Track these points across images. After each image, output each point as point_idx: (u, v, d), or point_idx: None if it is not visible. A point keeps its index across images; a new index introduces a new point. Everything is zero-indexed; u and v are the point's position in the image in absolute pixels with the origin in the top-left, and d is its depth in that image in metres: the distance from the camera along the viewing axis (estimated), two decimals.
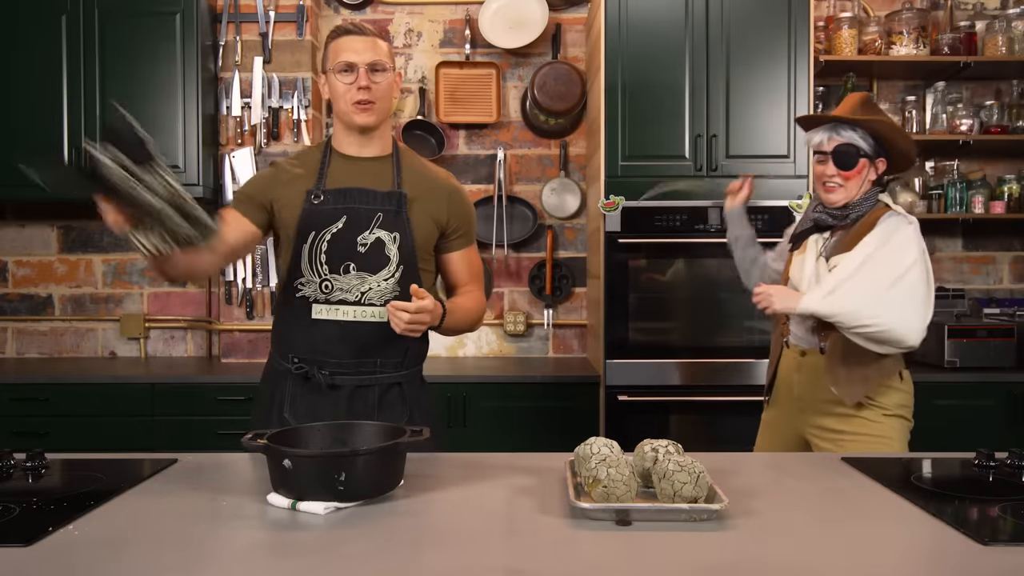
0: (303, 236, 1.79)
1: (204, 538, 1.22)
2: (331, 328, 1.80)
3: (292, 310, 1.83)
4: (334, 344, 1.81)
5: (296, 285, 1.81)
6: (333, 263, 1.79)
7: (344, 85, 1.80)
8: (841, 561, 1.12)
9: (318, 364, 1.82)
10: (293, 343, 1.84)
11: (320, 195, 1.80)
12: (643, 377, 3.13)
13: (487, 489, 1.46)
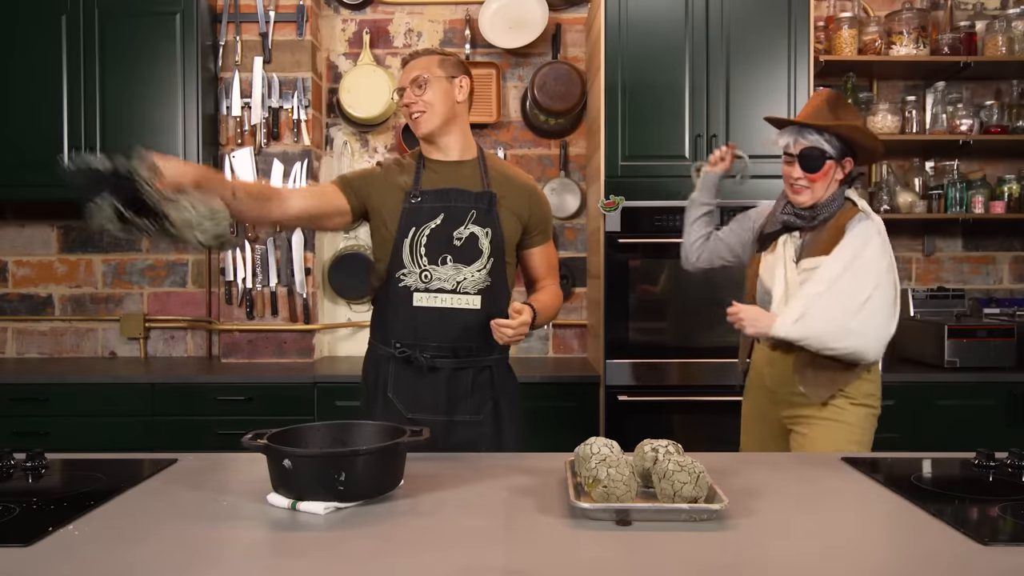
0: (404, 231, 1.96)
1: (204, 538, 1.22)
2: (431, 314, 1.96)
3: (394, 299, 1.97)
4: (434, 329, 1.96)
5: (398, 276, 1.96)
6: (432, 255, 1.96)
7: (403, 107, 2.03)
8: (841, 561, 1.12)
9: (420, 348, 1.96)
10: (395, 329, 1.98)
11: (418, 195, 1.98)
12: (643, 377, 3.13)
13: (487, 489, 1.46)
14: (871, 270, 2.03)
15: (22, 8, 3.30)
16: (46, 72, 3.31)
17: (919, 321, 3.40)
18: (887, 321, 2.04)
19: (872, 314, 2.02)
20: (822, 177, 2.09)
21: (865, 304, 2.01)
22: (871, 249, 2.04)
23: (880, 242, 2.06)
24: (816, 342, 2.03)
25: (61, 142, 3.31)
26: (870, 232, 2.05)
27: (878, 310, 2.03)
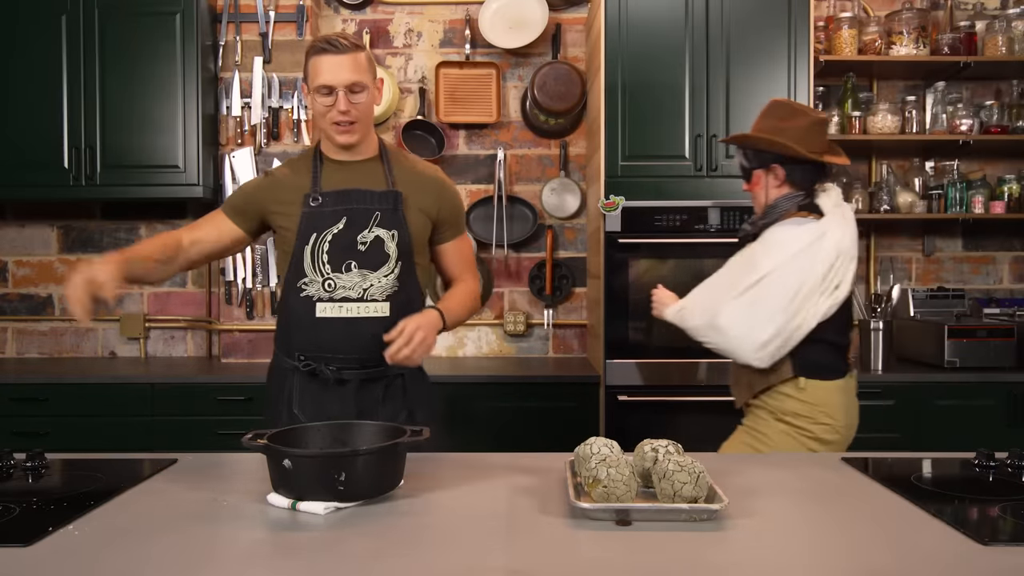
0: (304, 238, 1.86)
1: (204, 538, 1.22)
2: (336, 325, 1.85)
3: (296, 310, 1.87)
4: (340, 340, 1.85)
5: (300, 285, 1.86)
6: (335, 262, 1.85)
7: (323, 106, 1.83)
8: (841, 561, 1.12)
9: (324, 361, 1.87)
10: (298, 341, 1.89)
11: (318, 198, 1.87)
12: (643, 377, 3.13)
13: (487, 489, 1.46)
14: (749, 265, 2.04)
15: (22, 8, 3.30)
16: (46, 72, 3.31)
17: (919, 321, 3.40)
18: (764, 323, 1.99)
19: (743, 313, 2.01)
20: (756, 187, 2.16)
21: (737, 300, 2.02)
22: (764, 247, 2.05)
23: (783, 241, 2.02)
24: (691, 332, 2.12)
25: (61, 142, 3.31)
26: (783, 234, 2.04)
27: (750, 310, 2.00)
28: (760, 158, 2.14)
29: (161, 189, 3.32)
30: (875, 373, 3.23)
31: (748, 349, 2.02)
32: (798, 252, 2.01)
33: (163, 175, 3.32)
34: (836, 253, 2.03)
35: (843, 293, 2.06)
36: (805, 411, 2.05)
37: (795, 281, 1.99)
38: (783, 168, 2.11)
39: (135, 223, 3.73)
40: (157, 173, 3.32)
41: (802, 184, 2.12)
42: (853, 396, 2.14)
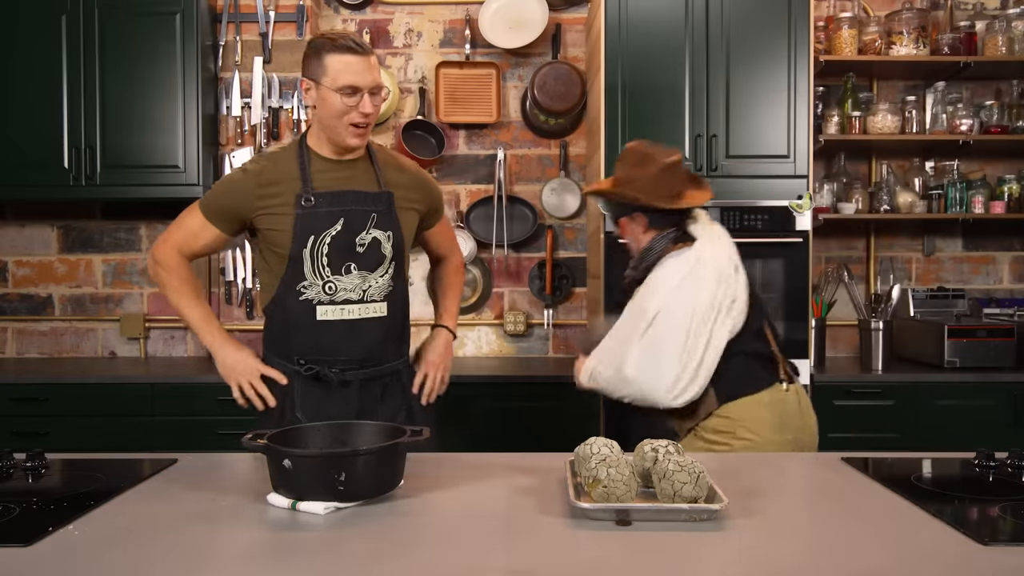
0: (302, 240, 1.82)
1: (204, 538, 1.22)
2: (337, 327, 1.85)
3: (294, 312, 1.85)
4: (342, 342, 1.86)
5: (299, 288, 1.83)
6: (335, 265, 1.84)
7: (344, 106, 1.79)
8: (841, 561, 1.12)
9: (326, 363, 1.86)
10: (298, 345, 1.86)
11: (311, 198, 1.82)
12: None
13: (487, 489, 1.46)
14: (643, 313, 2.02)
15: (22, 8, 3.30)
16: (46, 72, 3.30)
17: (919, 321, 3.40)
18: (667, 363, 1.97)
19: (645, 358, 2.00)
20: (624, 234, 2.19)
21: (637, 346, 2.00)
22: (648, 290, 2.04)
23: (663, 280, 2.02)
24: (605, 391, 2.10)
25: (61, 142, 3.31)
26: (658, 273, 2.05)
27: (651, 354, 1.99)
28: (620, 208, 2.15)
29: (161, 189, 3.32)
30: (875, 373, 3.23)
31: (660, 393, 2.00)
32: (678, 284, 2.00)
33: (163, 175, 3.32)
34: (718, 269, 2.02)
35: (741, 305, 2.03)
36: (725, 426, 2.02)
37: (684, 314, 1.98)
38: (644, 215, 2.11)
39: (135, 223, 3.73)
40: (157, 173, 3.32)
41: (665, 225, 2.10)
42: (789, 411, 2.05)
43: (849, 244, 3.75)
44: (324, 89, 1.79)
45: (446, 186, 3.76)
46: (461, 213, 3.74)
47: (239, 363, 1.86)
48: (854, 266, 3.70)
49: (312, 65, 1.81)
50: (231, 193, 1.89)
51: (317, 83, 1.80)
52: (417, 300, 3.77)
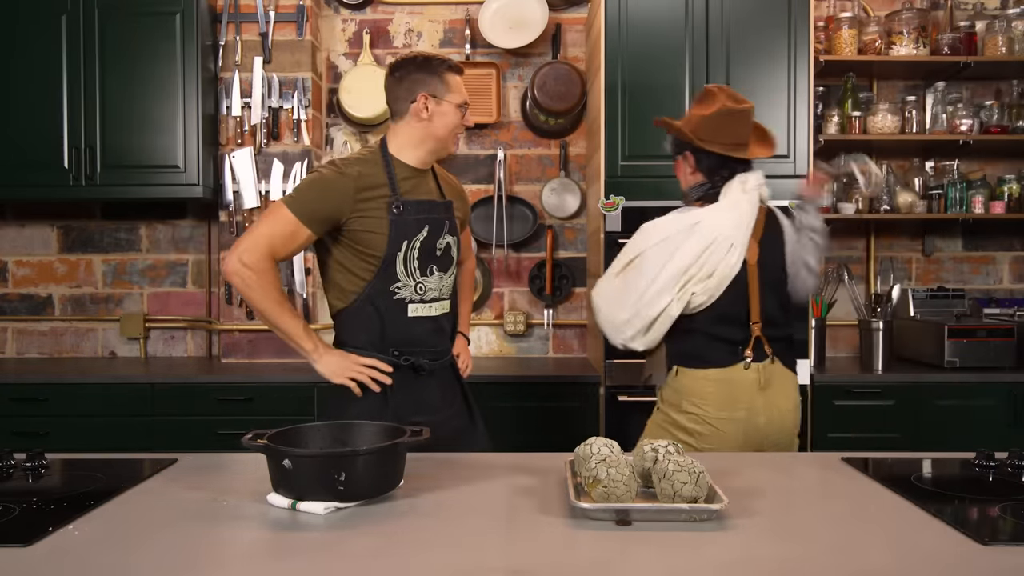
0: (396, 244, 1.95)
1: (204, 538, 1.22)
2: (426, 323, 2.02)
3: (386, 311, 1.97)
4: (430, 336, 2.03)
5: (393, 289, 1.97)
6: (422, 267, 2.00)
7: (459, 119, 2.04)
8: (841, 561, 1.12)
9: (418, 355, 2.01)
10: (392, 339, 1.98)
11: (400, 206, 1.95)
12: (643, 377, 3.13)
13: (487, 489, 1.46)
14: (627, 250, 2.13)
15: (22, 8, 3.30)
16: (46, 72, 3.30)
17: (919, 321, 3.40)
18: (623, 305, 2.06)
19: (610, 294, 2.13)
20: (677, 173, 2.21)
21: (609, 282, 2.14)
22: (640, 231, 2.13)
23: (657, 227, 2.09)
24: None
25: (61, 142, 3.31)
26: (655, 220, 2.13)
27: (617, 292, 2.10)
28: (677, 145, 2.16)
29: (161, 189, 3.32)
30: (875, 373, 3.24)
31: (609, 329, 2.11)
32: (667, 238, 2.04)
33: (163, 175, 3.32)
34: (710, 240, 1.99)
35: (716, 283, 2.00)
36: (672, 398, 2.07)
37: (655, 266, 2.02)
38: (693, 156, 2.11)
39: (135, 223, 3.73)
40: (157, 173, 3.32)
41: (709, 174, 2.09)
42: (743, 388, 2.00)
43: (849, 244, 3.75)
44: (447, 104, 2.01)
45: None
46: None
47: (345, 359, 1.94)
48: (854, 266, 3.70)
49: (431, 82, 2.00)
50: (332, 196, 1.92)
51: (439, 99, 2.00)
52: None
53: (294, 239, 1.91)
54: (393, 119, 2.05)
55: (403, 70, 2.02)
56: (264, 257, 1.87)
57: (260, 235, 1.89)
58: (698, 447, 1.99)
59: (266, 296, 1.88)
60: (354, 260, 1.96)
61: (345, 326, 2.01)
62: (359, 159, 2.00)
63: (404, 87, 2.01)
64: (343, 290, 1.99)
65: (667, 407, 2.08)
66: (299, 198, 1.92)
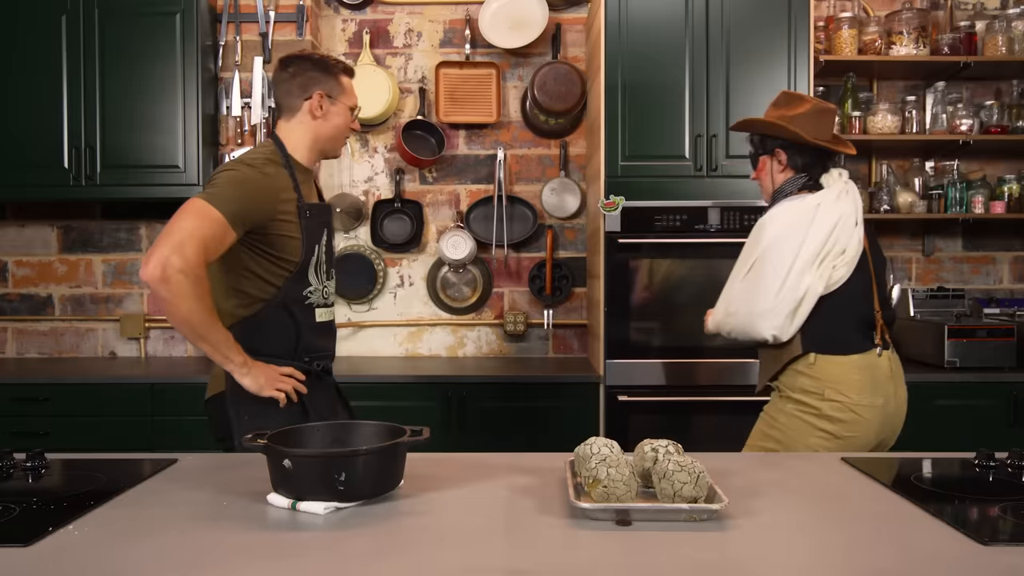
0: (311, 249, 1.93)
1: (204, 538, 1.22)
2: (328, 328, 2.05)
3: (298, 315, 1.95)
4: (330, 340, 2.07)
5: (305, 293, 1.95)
6: (328, 271, 2.02)
7: (348, 121, 2.03)
8: (841, 561, 1.12)
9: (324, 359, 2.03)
10: (305, 347, 1.97)
11: (308, 210, 1.93)
12: (643, 377, 3.13)
13: (487, 489, 1.46)
14: (750, 250, 2.11)
15: (22, 8, 3.30)
16: (46, 72, 3.30)
17: (919, 321, 3.40)
18: (762, 295, 2.04)
19: (746, 291, 2.09)
20: (761, 173, 2.23)
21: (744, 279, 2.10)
22: (757, 228, 2.12)
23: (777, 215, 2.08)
24: (722, 330, 2.17)
25: (61, 142, 3.31)
26: (770, 213, 2.12)
27: (752, 285, 2.07)
28: (764, 143, 2.20)
29: (161, 189, 3.32)
30: None
31: (756, 323, 2.06)
32: (793, 222, 2.06)
33: (163, 175, 3.32)
34: (836, 217, 2.05)
35: (850, 259, 2.06)
36: (813, 387, 2.05)
37: (790, 250, 2.03)
38: (785, 152, 2.16)
39: (135, 223, 3.73)
40: (157, 173, 3.32)
41: (804, 168, 2.16)
42: (881, 375, 2.09)
43: None
44: (340, 105, 1.99)
45: (446, 186, 3.76)
46: (461, 213, 3.74)
47: (269, 371, 1.87)
48: None
49: (327, 82, 1.98)
50: (258, 198, 1.83)
51: (334, 99, 1.98)
52: (417, 300, 3.78)
53: (222, 242, 1.75)
54: (284, 116, 1.98)
55: (298, 66, 1.96)
56: (199, 261, 1.69)
57: (190, 235, 1.69)
58: (839, 436, 2.03)
59: (200, 306, 1.70)
60: (267, 266, 1.87)
61: (254, 335, 1.88)
62: (269, 160, 1.90)
63: (298, 83, 1.95)
64: (249, 297, 1.88)
65: (804, 396, 2.06)
66: (225, 196, 1.76)
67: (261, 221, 1.83)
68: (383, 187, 3.76)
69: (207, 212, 1.73)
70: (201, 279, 1.70)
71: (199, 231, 1.70)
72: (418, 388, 3.16)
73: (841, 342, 2.06)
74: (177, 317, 1.71)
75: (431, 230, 3.78)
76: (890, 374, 2.12)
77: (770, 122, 2.16)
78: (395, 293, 3.77)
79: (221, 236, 1.74)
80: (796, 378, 2.08)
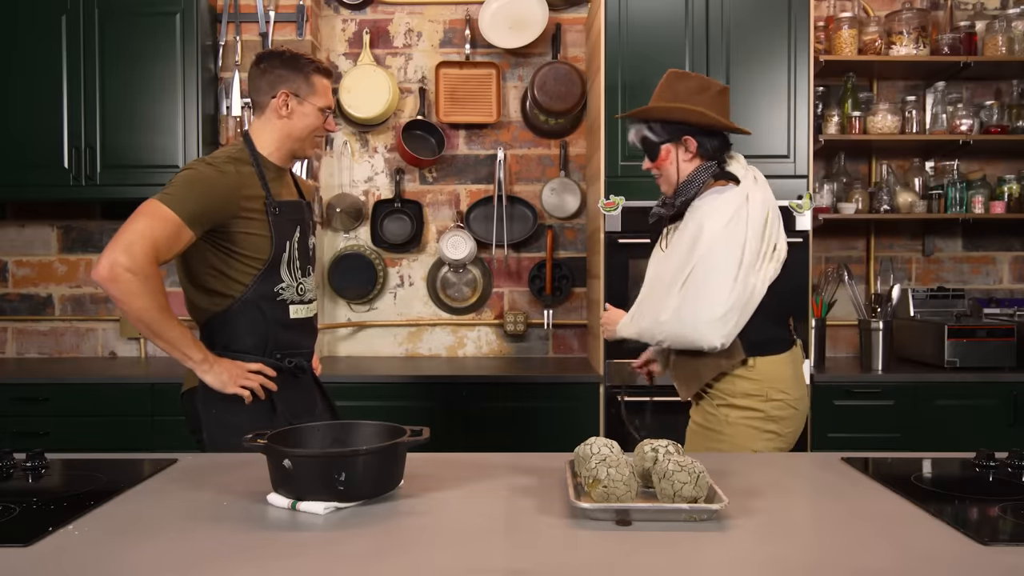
0: (281, 245, 1.95)
1: (204, 538, 1.22)
2: (305, 324, 2.05)
3: (269, 312, 1.96)
4: (307, 336, 2.07)
5: (277, 290, 1.96)
6: (303, 268, 2.03)
7: (321, 123, 2.01)
8: (841, 561, 1.12)
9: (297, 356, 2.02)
10: (275, 341, 1.98)
11: (276, 207, 1.94)
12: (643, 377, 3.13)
13: (487, 489, 1.46)
14: (686, 248, 1.93)
15: (22, 8, 3.30)
16: (46, 72, 3.31)
17: (919, 321, 3.40)
18: (713, 300, 1.88)
19: (690, 296, 1.90)
20: (664, 163, 2.05)
21: (684, 285, 1.91)
22: (696, 224, 1.93)
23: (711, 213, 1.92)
24: (647, 337, 2.03)
25: (61, 142, 3.31)
26: (708, 205, 1.94)
27: (698, 289, 1.90)
28: (669, 130, 2.03)
29: (161, 189, 3.31)
30: (875, 373, 3.24)
31: (702, 331, 1.89)
32: (731, 219, 1.91)
33: (163, 175, 3.32)
34: (765, 211, 1.94)
35: (782, 253, 1.97)
36: (755, 389, 1.95)
37: (736, 248, 1.90)
38: (694, 139, 2.02)
39: None
40: (157, 173, 3.32)
41: (712, 155, 2.02)
42: (800, 368, 2.06)
43: (849, 244, 3.75)
44: (309, 105, 1.98)
45: (446, 186, 3.76)
46: (461, 213, 3.74)
47: (232, 368, 1.89)
48: (854, 266, 3.70)
49: (295, 80, 1.96)
50: (214, 195, 1.84)
51: (301, 99, 1.96)
52: (417, 300, 3.78)
53: (177, 241, 1.79)
54: (255, 113, 2.00)
55: (268, 63, 1.97)
56: (148, 260, 1.73)
57: (140, 236, 1.73)
58: (782, 434, 1.99)
59: (152, 304, 1.76)
60: (233, 263, 1.90)
61: (224, 331, 1.94)
62: (232, 158, 1.92)
63: (266, 80, 1.96)
64: (218, 294, 1.92)
65: (747, 400, 1.95)
66: (180, 196, 1.79)
67: (221, 219, 1.86)
68: (383, 187, 3.76)
69: (159, 212, 1.78)
70: (150, 278, 1.75)
71: (149, 231, 1.75)
72: (418, 388, 3.16)
73: (776, 341, 1.99)
74: (131, 315, 1.79)
75: (431, 230, 3.78)
76: (801, 366, 2.08)
77: (684, 107, 1.99)
78: (395, 293, 3.77)
79: (174, 235, 1.79)
80: (735, 383, 1.96)
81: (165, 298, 1.80)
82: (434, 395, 3.14)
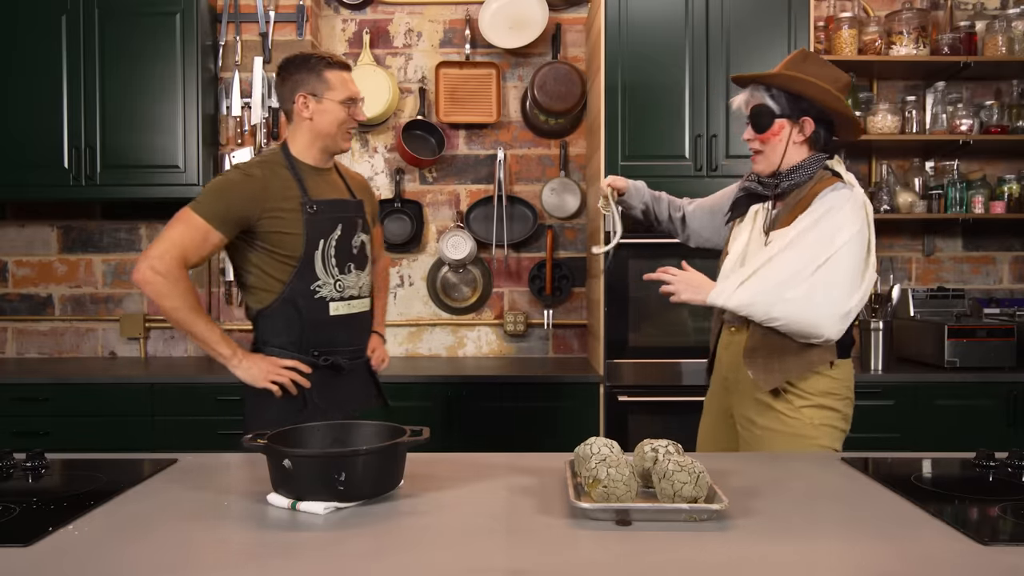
0: (313, 243, 1.99)
1: (204, 538, 1.22)
2: (347, 321, 2.07)
3: (309, 310, 2.00)
4: (349, 334, 2.09)
5: (313, 288, 2.00)
6: (340, 265, 2.04)
7: (346, 115, 2.04)
8: (841, 561, 1.12)
9: (338, 354, 2.06)
10: (313, 339, 2.02)
11: (313, 206, 1.99)
12: (643, 377, 3.13)
13: (487, 489, 1.46)
14: (826, 239, 1.83)
15: (22, 8, 3.30)
16: (46, 72, 3.30)
17: (919, 321, 3.40)
18: (842, 296, 1.83)
19: (820, 285, 1.82)
20: (772, 138, 1.91)
21: (814, 274, 1.82)
22: (833, 217, 1.83)
23: (849, 212, 1.84)
24: (759, 312, 1.85)
25: (61, 142, 3.31)
26: (839, 201, 1.84)
27: (829, 282, 1.82)
28: (792, 106, 1.88)
29: (161, 189, 3.32)
30: (875, 373, 3.23)
31: (829, 322, 1.83)
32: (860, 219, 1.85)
33: (163, 175, 3.32)
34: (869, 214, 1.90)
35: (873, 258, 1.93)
36: (836, 389, 1.93)
37: (864, 251, 1.86)
38: (815, 124, 1.89)
39: (135, 223, 3.73)
40: (157, 173, 3.32)
41: (822, 146, 1.92)
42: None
43: None
44: (328, 101, 2.01)
45: (446, 186, 3.76)
46: (461, 213, 3.74)
47: (263, 363, 1.97)
48: None
49: (309, 81, 2.01)
50: (239, 197, 1.94)
51: (319, 97, 2.01)
52: (418, 300, 3.78)
53: (205, 243, 1.92)
54: (288, 120, 2.09)
55: (286, 70, 2.05)
56: (176, 264, 1.88)
57: (171, 242, 1.90)
58: (845, 432, 1.99)
59: (182, 304, 1.89)
60: (269, 262, 1.99)
61: (266, 327, 2.03)
62: (262, 161, 2.03)
63: (287, 88, 2.04)
64: (261, 292, 2.01)
65: (828, 400, 1.91)
66: (206, 202, 1.93)
67: (250, 220, 1.95)
68: (383, 187, 3.76)
69: (189, 219, 1.93)
70: (179, 280, 1.89)
71: (179, 237, 1.91)
72: (418, 388, 3.16)
73: (850, 344, 1.99)
74: (163, 313, 1.92)
75: (431, 230, 3.78)
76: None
77: (818, 83, 1.84)
78: (395, 293, 3.77)
79: (203, 239, 1.92)
80: (817, 381, 1.91)
81: (195, 298, 1.93)
82: (434, 395, 3.15)
